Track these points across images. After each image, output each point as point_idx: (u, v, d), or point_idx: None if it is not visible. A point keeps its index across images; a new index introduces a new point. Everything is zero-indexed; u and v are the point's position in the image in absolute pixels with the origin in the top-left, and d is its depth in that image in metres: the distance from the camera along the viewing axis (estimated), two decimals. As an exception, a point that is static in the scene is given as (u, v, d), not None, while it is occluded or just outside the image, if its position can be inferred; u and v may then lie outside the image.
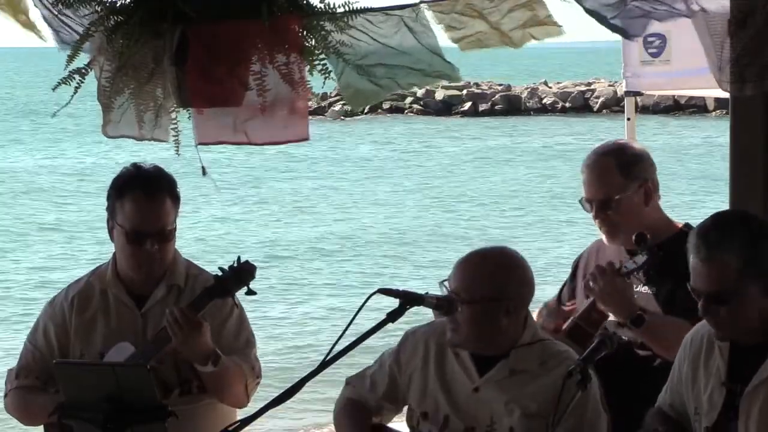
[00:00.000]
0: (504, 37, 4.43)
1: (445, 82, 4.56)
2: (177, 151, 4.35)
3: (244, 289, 4.61)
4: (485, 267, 4.38)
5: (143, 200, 4.68)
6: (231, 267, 4.57)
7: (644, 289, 4.92)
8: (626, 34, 4.48)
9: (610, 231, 5.00)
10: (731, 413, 3.95)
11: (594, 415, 4.30)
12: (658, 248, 4.87)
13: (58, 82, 4.29)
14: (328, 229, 25.76)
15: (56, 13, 4.52)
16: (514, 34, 4.42)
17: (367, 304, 3.87)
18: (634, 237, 4.85)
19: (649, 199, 5.00)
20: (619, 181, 4.95)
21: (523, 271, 4.39)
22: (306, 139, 4.48)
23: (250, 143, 4.55)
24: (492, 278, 4.34)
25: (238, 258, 4.59)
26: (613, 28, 4.41)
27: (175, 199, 4.76)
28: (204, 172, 4.47)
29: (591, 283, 4.81)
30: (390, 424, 4.65)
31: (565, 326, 4.90)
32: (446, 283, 4.37)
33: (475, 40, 4.43)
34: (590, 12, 4.35)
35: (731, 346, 4.00)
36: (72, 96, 4.33)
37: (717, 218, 4.06)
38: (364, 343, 3.92)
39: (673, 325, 4.77)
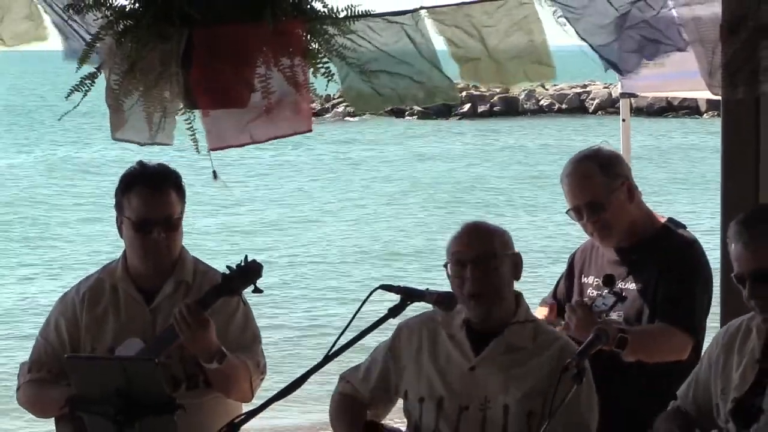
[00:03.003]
0: (500, 71, 4.46)
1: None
2: (196, 149, 4.36)
3: (251, 288, 4.61)
4: (491, 227, 4.47)
5: (149, 191, 4.70)
6: (238, 266, 4.57)
7: (631, 286, 4.93)
8: (619, 70, 4.51)
9: (604, 233, 4.99)
10: (759, 389, 3.96)
11: (588, 406, 4.32)
12: (644, 244, 4.93)
13: (71, 90, 4.30)
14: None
15: (66, 18, 4.52)
16: (510, 66, 4.44)
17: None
18: (602, 278, 4.88)
19: (633, 197, 5.00)
20: (604, 181, 4.94)
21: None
22: (309, 130, 4.48)
23: (253, 143, 4.55)
24: (501, 235, 4.43)
25: (246, 257, 4.59)
26: (607, 61, 4.43)
27: (181, 191, 4.77)
28: (215, 176, 4.48)
29: (567, 319, 4.83)
30: (388, 423, 4.66)
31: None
32: (448, 265, 4.38)
33: (473, 69, 4.46)
34: (584, 39, 4.38)
35: None
36: (81, 98, 4.34)
37: (755, 208, 4.20)
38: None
39: (653, 335, 4.83)
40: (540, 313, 5.15)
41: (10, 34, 4.82)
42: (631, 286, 4.93)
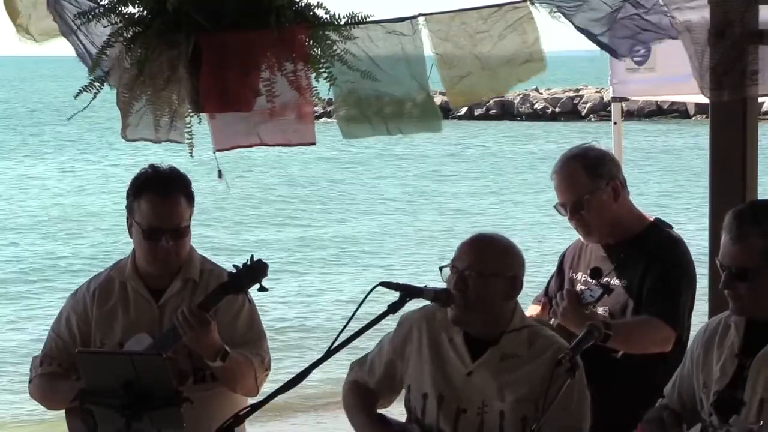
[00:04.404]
0: (492, 81, 4.48)
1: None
2: (191, 153, 4.37)
3: (257, 286, 4.62)
4: (497, 245, 4.43)
5: (158, 199, 4.70)
6: (245, 264, 4.58)
7: (616, 282, 4.95)
8: (615, 54, 4.52)
9: (585, 230, 5.04)
10: (739, 382, 4.00)
11: (580, 399, 4.33)
12: (631, 242, 4.97)
13: (80, 90, 4.31)
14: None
15: (75, 28, 4.52)
16: (501, 72, 4.46)
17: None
18: (589, 270, 4.92)
19: (618, 196, 5.02)
20: (587, 181, 4.97)
21: (521, 257, 4.45)
22: (313, 143, 4.51)
23: (262, 144, 4.57)
24: (503, 255, 4.40)
25: (252, 256, 4.61)
26: (602, 46, 4.45)
27: (190, 198, 4.77)
28: (220, 175, 4.49)
29: (555, 305, 4.86)
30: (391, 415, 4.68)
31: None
32: (446, 269, 4.39)
33: (467, 85, 4.48)
34: (580, 29, 4.40)
35: (747, 324, 4.06)
36: (90, 101, 4.35)
37: (753, 204, 4.22)
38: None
39: (637, 326, 4.85)
40: (532, 311, 5.16)
41: (39, 30, 4.81)
42: (617, 282, 4.95)
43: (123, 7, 4.27)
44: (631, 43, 4.50)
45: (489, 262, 4.35)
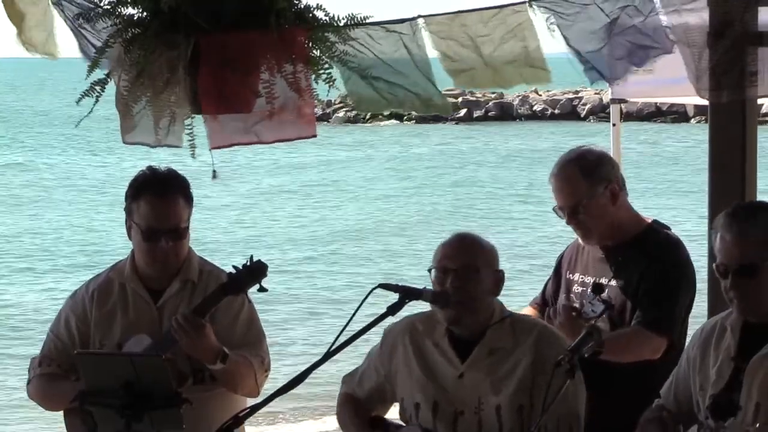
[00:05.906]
0: (496, 76, 4.47)
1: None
2: (192, 154, 4.37)
3: (256, 286, 4.61)
4: (481, 241, 4.46)
5: (157, 200, 4.69)
6: (244, 265, 4.57)
7: (613, 282, 4.94)
8: (606, 78, 4.50)
9: (584, 233, 5.03)
10: (735, 386, 3.99)
11: (574, 383, 4.32)
12: (629, 244, 4.95)
13: (81, 95, 4.30)
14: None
15: (77, 26, 4.52)
16: (506, 70, 4.46)
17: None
18: (591, 285, 4.90)
19: (616, 199, 5.00)
20: (585, 185, 4.95)
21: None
22: (314, 135, 4.49)
23: (260, 142, 4.56)
24: (490, 250, 4.45)
25: (251, 257, 4.60)
26: (593, 69, 4.42)
27: (188, 199, 4.76)
28: (214, 176, 4.48)
29: (552, 318, 4.85)
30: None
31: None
32: (433, 271, 4.39)
33: (469, 77, 4.48)
34: (573, 50, 4.38)
35: (742, 327, 4.04)
36: (93, 105, 4.34)
37: (743, 203, 4.24)
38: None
39: (629, 340, 4.83)
40: (527, 313, 5.15)
41: (28, 39, 4.80)
42: (615, 283, 4.94)
43: (122, 8, 4.26)
44: (625, 65, 4.48)
45: (479, 257, 4.39)
